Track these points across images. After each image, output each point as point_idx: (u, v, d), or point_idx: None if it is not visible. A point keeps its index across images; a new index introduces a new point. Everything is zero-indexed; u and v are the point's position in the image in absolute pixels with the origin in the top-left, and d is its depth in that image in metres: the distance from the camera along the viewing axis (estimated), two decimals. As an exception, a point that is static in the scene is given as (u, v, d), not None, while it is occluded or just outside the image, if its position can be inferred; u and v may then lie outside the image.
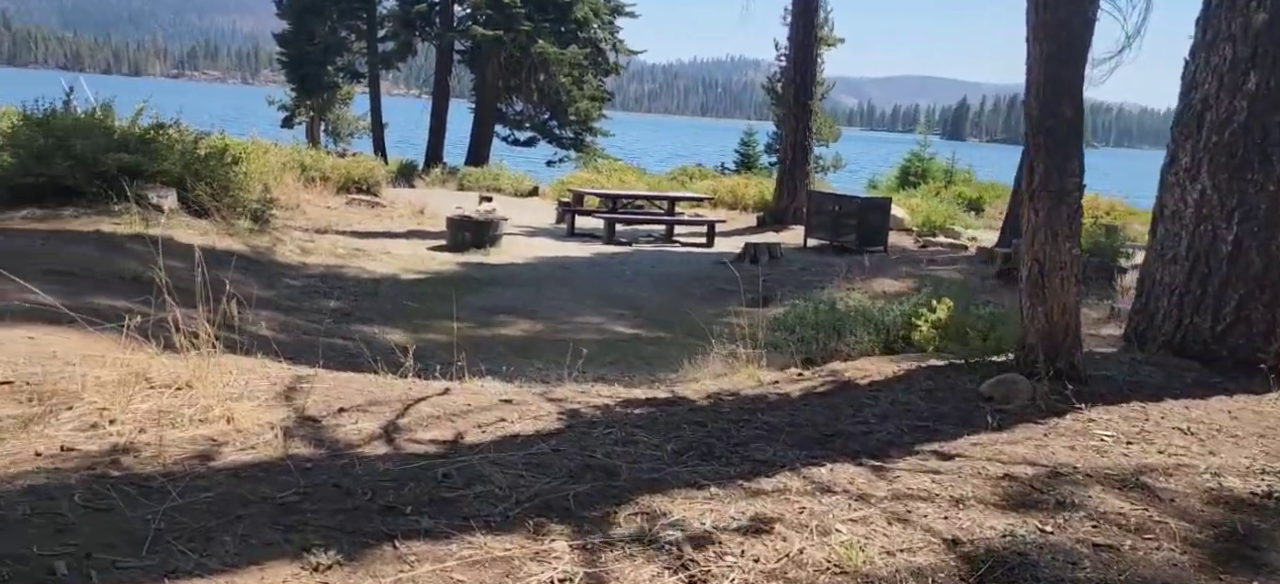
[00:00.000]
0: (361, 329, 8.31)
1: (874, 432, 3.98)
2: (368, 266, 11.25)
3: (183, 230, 10.45)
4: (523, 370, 7.27)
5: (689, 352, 8.41)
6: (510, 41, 29.20)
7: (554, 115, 32.02)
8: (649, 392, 5.03)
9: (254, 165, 13.60)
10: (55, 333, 5.67)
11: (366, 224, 14.39)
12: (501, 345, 8.24)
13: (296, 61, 31.96)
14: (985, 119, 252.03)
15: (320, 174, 15.99)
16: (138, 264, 8.43)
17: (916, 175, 31.18)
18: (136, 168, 11.11)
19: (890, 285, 10.78)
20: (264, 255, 10.69)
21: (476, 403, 4.43)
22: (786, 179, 17.86)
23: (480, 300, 10.08)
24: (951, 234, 16.81)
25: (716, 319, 10.01)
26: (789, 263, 12.43)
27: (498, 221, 13.46)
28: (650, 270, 12.54)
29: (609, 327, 9.38)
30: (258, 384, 4.56)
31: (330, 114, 35.90)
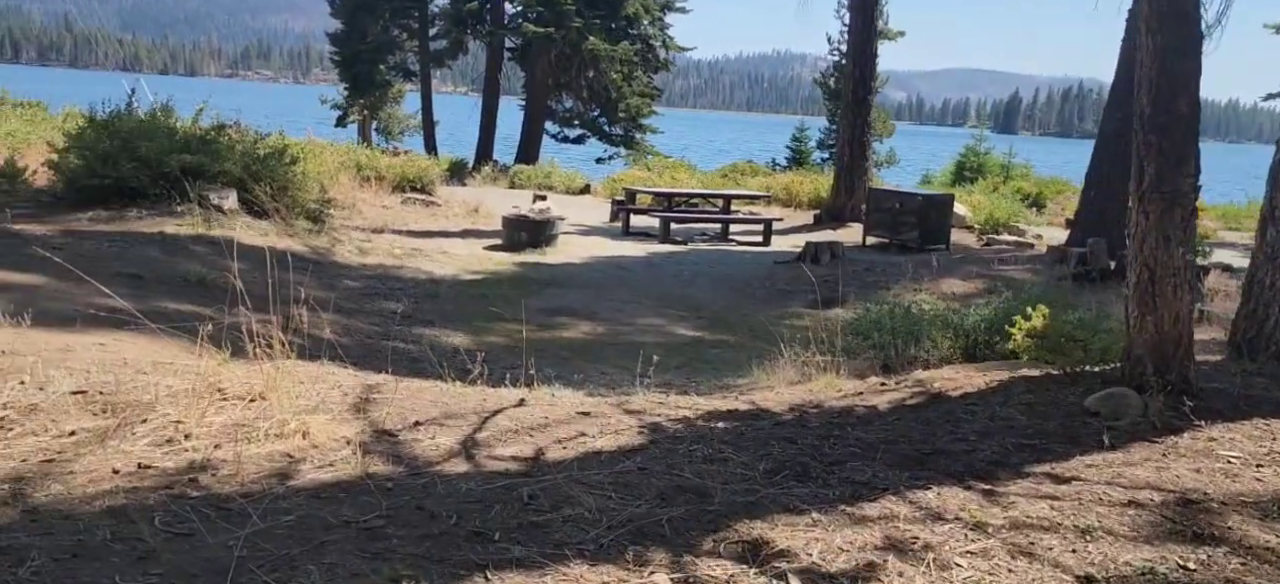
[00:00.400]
0: (423, 331, 8.22)
1: (976, 450, 3.75)
2: (425, 267, 11.19)
3: (244, 231, 10.47)
4: (588, 375, 7.12)
5: (755, 356, 8.21)
6: (561, 38, 29.12)
7: (604, 112, 31.89)
8: (728, 403, 4.84)
9: (311, 165, 13.62)
10: (125, 338, 5.63)
11: (422, 223, 14.36)
12: (564, 348, 8.10)
13: (349, 60, 32.20)
14: (1038, 112, 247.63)
15: (376, 173, 16.00)
16: (202, 266, 8.44)
17: (972, 170, 30.58)
18: (198, 168, 11.16)
19: (959, 286, 10.47)
20: (323, 256, 10.67)
21: (553, 415, 4.28)
22: (844, 176, 17.53)
23: (539, 302, 9.96)
24: (1016, 232, 16.36)
25: (779, 321, 9.80)
26: (851, 262, 12.15)
27: (554, 221, 13.34)
28: (708, 270, 12.34)
29: (670, 329, 9.20)
30: (330, 395, 4.45)
31: (382, 112, 36.14)
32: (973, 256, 13.24)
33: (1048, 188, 27.80)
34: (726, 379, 7.21)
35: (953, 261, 11.95)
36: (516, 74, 35.52)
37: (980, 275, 10.92)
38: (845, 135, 17.65)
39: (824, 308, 10.25)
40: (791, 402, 4.88)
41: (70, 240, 8.49)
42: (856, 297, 10.50)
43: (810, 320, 9.82)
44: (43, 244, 8.18)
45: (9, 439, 3.51)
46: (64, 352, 5.00)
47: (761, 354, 8.31)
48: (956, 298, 10.12)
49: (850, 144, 17.46)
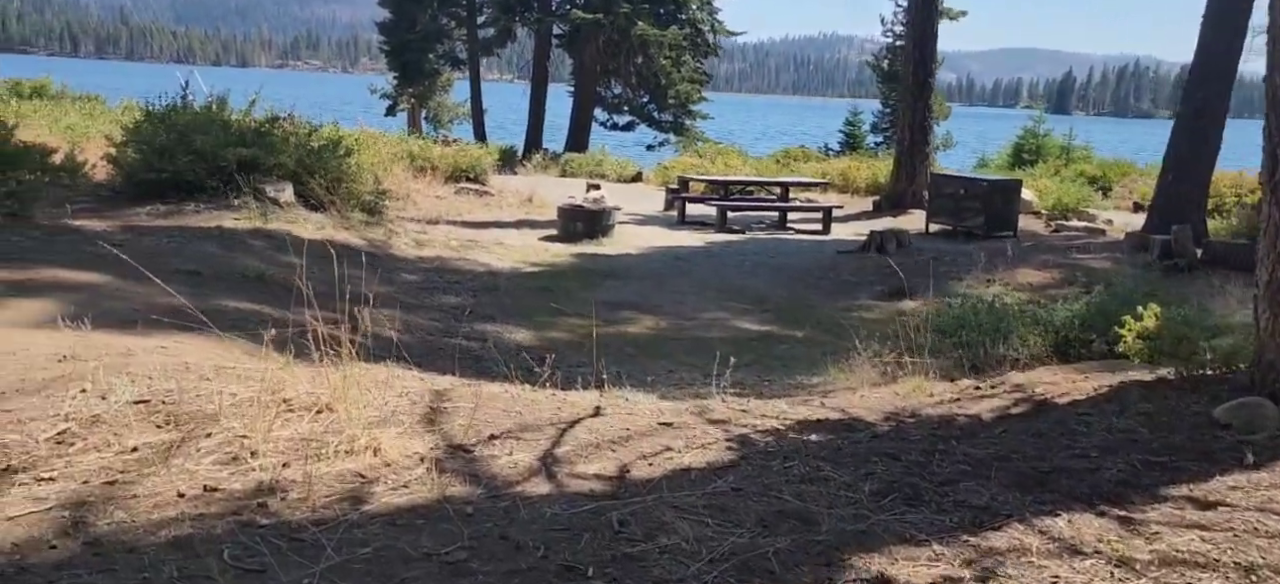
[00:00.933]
0: (484, 328, 8.03)
1: (1100, 468, 3.43)
2: (482, 259, 11.02)
3: (300, 224, 10.37)
4: (656, 374, 6.88)
5: (827, 352, 7.91)
6: (609, 24, 28.85)
7: (653, 99, 31.58)
8: (817, 410, 4.56)
9: (365, 157, 13.52)
10: (187, 341, 5.49)
11: (476, 214, 14.21)
12: (629, 344, 7.86)
13: (398, 49, 32.23)
14: (1092, 92, 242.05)
15: (429, 164, 15.87)
16: (259, 262, 8.32)
17: (1031, 153, 29.76)
18: (254, 162, 11.09)
19: (1034, 277, 10.04)
20: (380, 249, 10.54)
21: (634, 426, 4.03)
22: (904, 161, 17.05)
23: (600, 294, 9.72)
24: (1086, 217, 15.80)
25: (847, 314, 9.48)
26: (918, 252, 11.75)
27: (610, 211, 13.10)
28: (769, 260, 12.02)
29: (735, 323, 8.92)
30: (398, 404, 4.24)
31: (431, 101, 36.18)
32: (1044, 244, 12.75)
33: (1112, 170, 26.94)
34: (800, 377, 6.92)
35: (1025, 250, 11.50)
36: (564, 61, 35.36)
37: (1056, 265, 10.47)
38: (905, 119, 17.17)
39: (893, 300, 9.92)
40: (884, 409, 4.58)
41: (130, 236, 8.42)
42: (926, 288, 10.12)
43: (880, 313, 9.49)
44: (103, 240, 8.11)
45: (71, 456, 3.34)
46: (125, 356, 4.86)
47: (833, 350, 8.01)
48: (1033, 289, 9.70)
49: (911, 128, 16.98)
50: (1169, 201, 12.55)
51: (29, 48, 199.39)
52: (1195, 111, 12.47)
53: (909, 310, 9.50)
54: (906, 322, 7.52)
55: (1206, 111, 12.39)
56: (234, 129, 11.59)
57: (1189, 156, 12.50)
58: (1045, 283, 9.80)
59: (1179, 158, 12.62)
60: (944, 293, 9.97)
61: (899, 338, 7.13)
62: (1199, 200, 12.62)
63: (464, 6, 32.63)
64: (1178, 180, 12.57)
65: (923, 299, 9.78)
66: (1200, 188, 12.66)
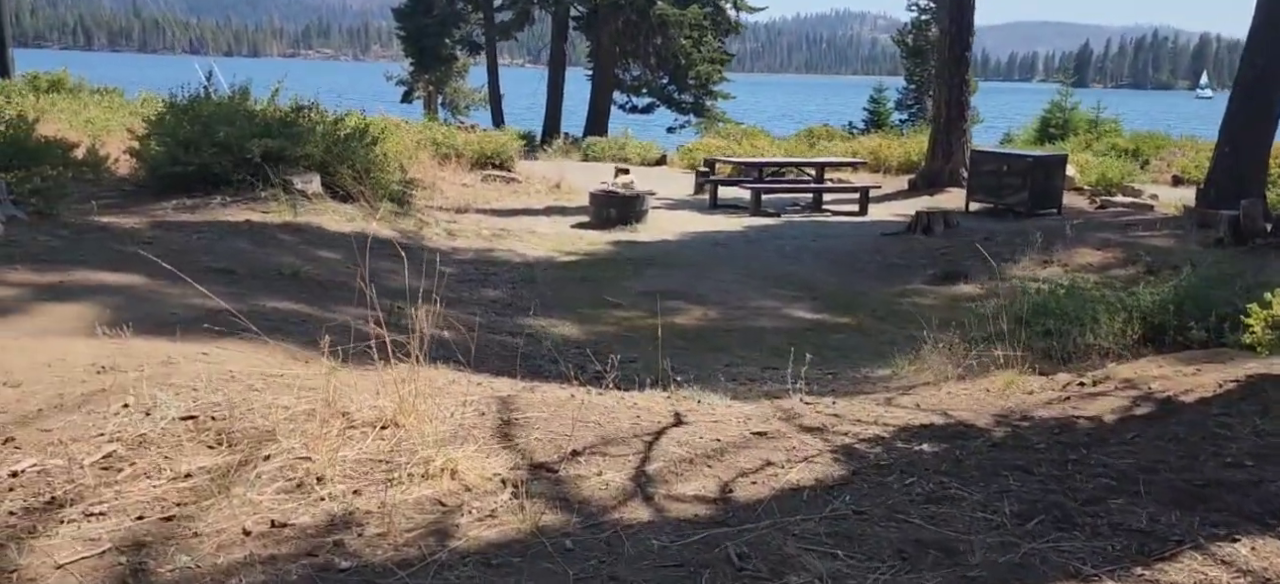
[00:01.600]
0: (528, 322, 7.70)
1: (1264, 481, 3.07)
2: (517, 248, 10.69)
3: (330, 217, 10.07)
4: (714, 368, 6.54)
5: (886, 342, 7.56)
6: (629, 4, 28.41)
7: (673, 80, 31.13)
8: (914, 414, 4.21)
9: (390, 145, 13.20)
10: (228, 346, 5.18)
11: (505, 201, 13.88)
12: (680, 337, 7.52)
13: (414, 35, 31.91)
14: (1110, 64, 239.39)
15: (453, 151, 15.54)
16: (294, 258, 8.02)
17: (1057, 127, 29.14)
18: (280, 153, 10.79)
19: (1094, 257, 9.63)
20: (413, 240, 10.22)
21: (724, 436, 3.69)
22: (941, 138, 16.59)
23: (641, 283, 9.39)
24: (1131, 192, 15.33)
25: (900, 300, 9.12)
26: (966, 232, 11.34)
27: (643, 196, 12.75)
28: (811, 245, 11.64)
29: (786, 311, 8.56)
30: (465, 416, 3.92)
31: (447, 87, 35.84)
32: (1095, 221, 12.33)
33: (1145, 143, 26.31)
34: (866, 370, 6.57)
35: (1078, 228, 11.07)
36: (581, 45, 34.93)
37: (1116, 244, 10.05)
38: (941, 95, 16.70)
39: (947, 284, 9.55)
40: (987, 410, 4.23)
41: (159, 233, 8.13)
42: (980, 271, 9.73)
43: (934, 299, 9.12)
44: (132, 239, 7.83)
45: (120, 484, 3.03)
46: (167, 365, 4.55)
47: (892, 340, 7.65)
48: (1094, 270, 9.30)
49: (947, 104, 16.51)
50: (1227, 175, 12.09)
51: (44, 41, 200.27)
52: (1254, 79, 11.98)
53: (966, 295, 9.14)
54: (976, 308, 7.16)
55: (1267, 77, 11.89)
56: (259, 120, 11.29)
57: (1247, 127, 12.03)
58: (1106, 263, 9.40)
59: (1236, 129, 12.15)
60: (999, 276, 9.60)
61: (969, 326, 6.77)
62: (1259, 173, 12.16)
63: (480, -11, 32.25)
64: (1236, 152, 12.10)
65: (978, 283, 9.41)
66: (1260, 160, 12.19)
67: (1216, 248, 9.38)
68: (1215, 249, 9.30)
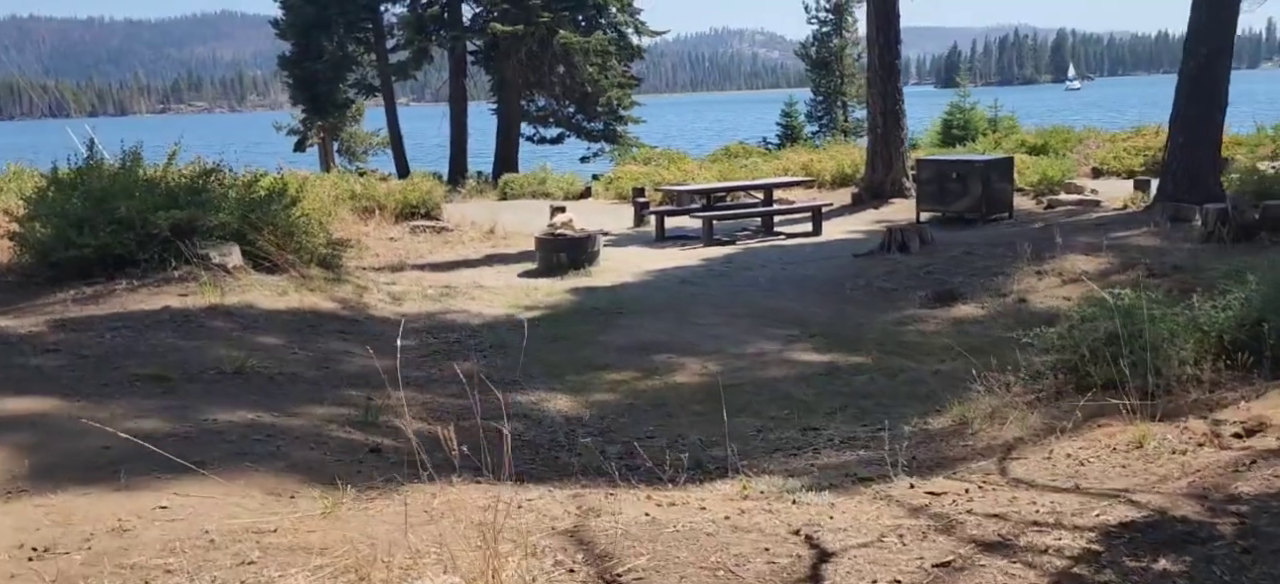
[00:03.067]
0: (517, 399, 6.72)
1: None
2: (470, 308, 9.68)
3: (260, 293, 8.89)
4: (747, 435, 5.71)
5: (913, 381, 6.86)
6: (531, 35, 27.51)
7: (581, 108, 30.34)
8: (1085, 500, 3.43)
9: (309, 203, 12.00)
10: (190, 489, 4.08)
11: (439, 254, 12.80)
12: (690, 399, 6.67)
13: (305, 81, 30.33)
14: (977, 63, 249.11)
15: (375, 202, 14.37)
16: (234, 349, 6.86)
17: (959, 129, 29.50)
18: (191, 224, 9.53)
19: (1086, 264, 9.16)
20: (357, 311, 9.11)
21: (901, 572, 2.85)
22: (879, 149, 16.21)
23: (620, 336, 8.50)
24: (1074, 190, 15.20)
25: (902, 329, 8.46)
26: (944, 246, 10.80)
27: (594, 236, 11.86)
28: (783, 273, 10.95)
29: (790, 355, 7.80)
30: (545, 573, 2.98)
31: (344, 133, 34.30)
32: (1058, 224, 11.99)
33: (1052, 138, 26.71)
34: (917, 420, 5.83)
35: (1066, 233, 10.64)
36: (482, 79, 33.85)
37: (1104, 248, 9.61)
38: (876, 105, 16.32)
39: (942, 306, 8.95)
40: (1170, 487, 3.49)
41: (64, 336, 6.86)
42: (974, 289, 9.17)
43: (937, 325, 8.49)
44: (32, 347, 6.56)
45: None
46: (120, 534, 3.48)
47: (916, 378, 6.96)
48: (1093, 278, 8.80)
49: (882, 114, 16.15)
50: (1183, 165, 11.92)
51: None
52: (1200, 68, 11.86)
53: (970, 318, 8.55)
54: (962, 330, 6.52)
55: (1213, 65, 11.78)
56: (162, 188, 10.01)
57: (1199, 116, 11.89)
58: (1104, 269, 8.94)
59: (1187, 119, 12.00)
60: (994, 292, 9.06)
61: (996, 356, 6.11)
62: (1214, 160, 12.04)
63: (371, 31, 30.91)
64: (1190, 142, 11.94)
65: (977, 303, 8.83)
66: (1214, 147, 12.07)
67: (1210, 244, 9.03)
68: (1212, 246, 8.95)
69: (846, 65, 32.23)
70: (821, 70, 32.29)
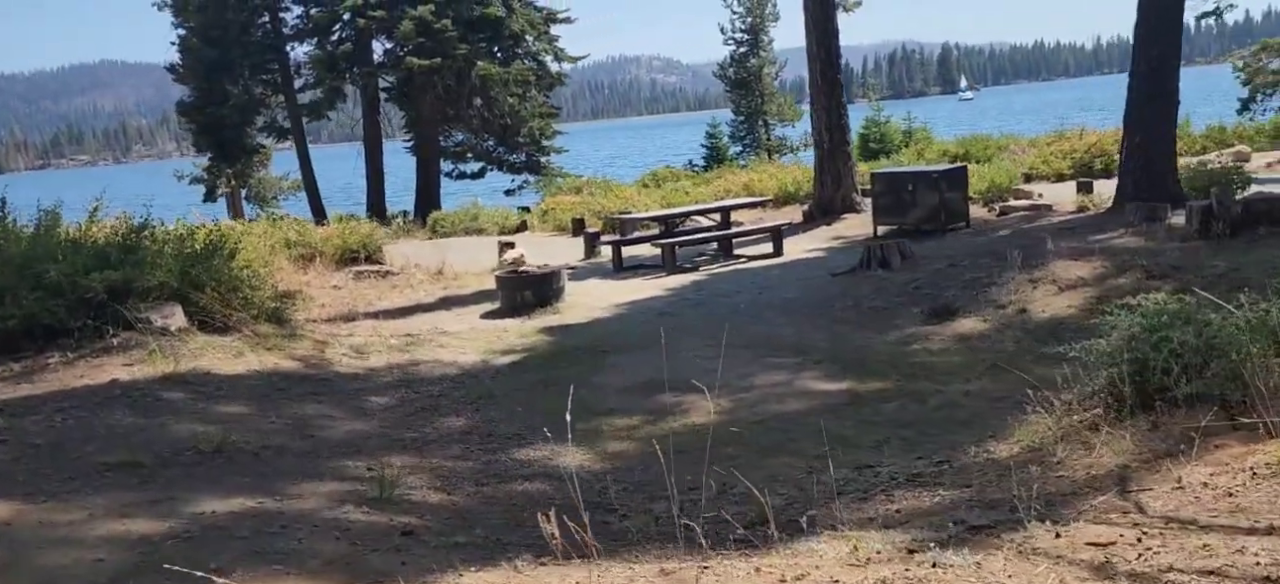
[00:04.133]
0: (525, 456, 6.15)
1: None
2: (442, 358, 9.01)
3: (212, 356, 8.08)
4: (791, 481, 5.25)
5: (944, 405, 6.52)
6: (448, 68, 26.80)
7: (501, 141, 29.68)
8: None
9: (248, 254, 11.16)
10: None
11: (391, 300, 12.05)
12: (716, 443, 6.17)
13: (211, 127, 28.94)
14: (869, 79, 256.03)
15: (312, 249, 13.52)
16: (201, 424, 6.12)
17: (876, 142, 29.90)
18: (127, 285, 8.67)
19: (1082, 269, 9.01)
20: (322, 369, 8.37)
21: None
22: (827, 165, 16.04)
23: (612, 378, 7.97)
24: (1023, 196, 15.28)
25: (907, 349, 8.14)
26: (927, 261, 10.57)
27: (559, 272, 11.30)
28: (762, 298, 10.56)
29: (802, 384, 7.38)
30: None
31: (252, 179, 32.91)
32: (1026, 233, 11.93)
33: (972, 146, 27.22)
34: (973, 451, 5.46)
35: (1040, 239, 10.52)
36: (396, 116, 32.90)
37: (1091, 252, 9.49)
38: (820, 121, 16.16)
39: (941, 322, 8.68)
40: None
41: (6, 422, 6.00)
42: (970, 302, 8.93)
43: (941, 343, 8.19)
44: (-30, 440, 5.69)
45: None
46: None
47: (948, 402, 6.62)
48: (1090, 284, 8.67)
49: (828, 129, 15.99)
50: (1141, 164, 12.00)
51: None
52: (1151, 69, 11.97)
53: (975, 332, 8.28)
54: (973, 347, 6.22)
55: (1164, 65, 11.91)
56: (89, 248, 9.10)
57: (1155, 116, 11.99)
58: (1100, 274, 8.79)
59: (1143, 118, 12.10)
60: (992, 304, 8.83)
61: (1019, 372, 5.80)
62: (1171, 159, 12.15)
63: (278, 72, 29.74)
64: (1147, 141, 12.02)
65: (978, 316, 8.58)
66: (1169, 145, 12.20)
67: (1200, 241, 8.98)
68: (1203, 243, 8.90)
69: (765, 84, 32.36)
70: (741, 90, 32.32)
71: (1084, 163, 19.73)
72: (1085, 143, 20.70)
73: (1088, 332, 7.77)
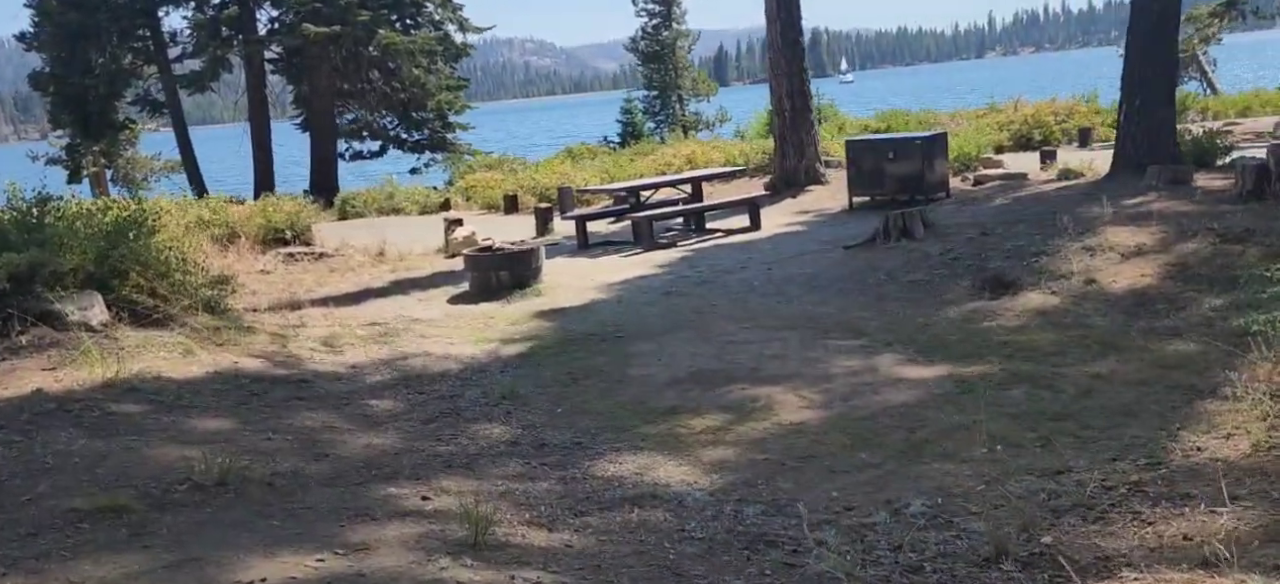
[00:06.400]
0: (606, 471, 4.91)
1: None
2: (431, 350, 7.62)
3: (155, 355, 6.51)
4: (984, 496, 4.20)
5: (1071, 389, 5.60)
6: (347, 36, 24.73)
7: (403, 118, 27.70)
8: None
9: (166, 234, 9.44)
10: None
11: (334, 285, 10.47)
12: (836, 448, 5.09)
13: (73, 100, 25.95)
14: (742, 62, 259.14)
15: (230, 230, 11.73)
16: (180, 447, 4.68)
17: (786, 118, 29.28)
18: (33, 270, 6.98)
19: (1140, 236, 8.26)
20: (295, 368, 6.87)
21: None
22: (790, 134, 15.10)
23: (654, 370, 6.78)
24: (993, 164, 14.74)
25: (979, 326, 7.24)
26: (954, 230, 9.69)
27: (537, 250, 9.97)
28: (776, 274, 9.51)
29: (889, 371, 6.35)
30: None
31: (120, 159, 29.89)
32: (1030, 199, 11.28)
33: (893, 121, 26.82)
34: (1187, 450, 4.53)
35: (1056, 207, 9.82)
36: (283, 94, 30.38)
37: (1138, 219, 8.80)
38: (781, 88, 15.18)
39: (1001, 295, 7.80)
40: None
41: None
42: (1023, 273, 8.09)
43: (1017, 317, 7.32)
44: None
45: None
46: None
47: (1083, 389, 5.70)
48: (1155, 251, 7.96)
49: (789, 96, 15.04)
50: (1142, 127, 11.50)
51: None
52: (1152, 26, 11.46)
53: (1049, 307, 7.43)
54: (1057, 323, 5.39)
55: (1165, 23, 11.43)
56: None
57: (1153, 76, 11.50)
58: (1162, 241, 8.09)
59: (1143, 79, 11.58)
60: (1051, 275, 8.01)
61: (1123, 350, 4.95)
62: (1170, 120, 11.71)
63: (150, 40, 26.95)
64: (1147, 104, 11.52)
65: (1042, 289, 7.75)
66: (1169, 107, 11.75)
67: (1259, 202, 8.41)
68: (1263, 205, 8.33)
69: (679, 57, 31.38)
70: (654, 63, 31.23)
71: (1023, 135, 19.49)
72: (1021, 115, 20.49)
73: (1180, 304, 7.06)
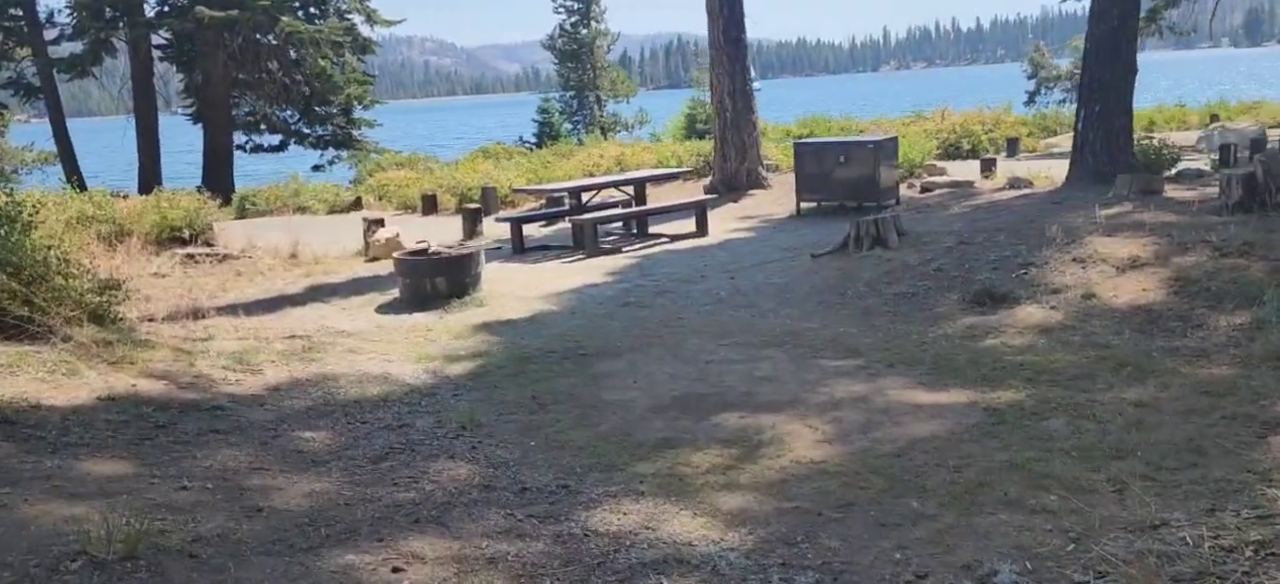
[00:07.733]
0: (606, 525, 4.04)
1: None
2: (365, 369, 6.59)
3: (30, 377, 5.36)
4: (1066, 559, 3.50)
5: (1133, 429, 4.98)
6: (246, 22, 23.14)
7: (304, 112, 26.13)
8: None
9: (44, 232, 8.16)
10: None
11: (241, 290, 9.28)
12: (872, 494, 4.34)
13: (-68, 82, 23.68)
14: (647, 67, 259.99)
15: (117, 227, 10.37)
16: (73, 503, 3.62)
17: (703, 123, 29.03)
18: (-127, 273, 5.73)
19: (1132, 247, 7.79)
20: (204, 392, 5.78)
21: None
22: (731, 136, 14.43)
23: (630, 394, 5.94)
24: (937, 171, 14.34)
25: (980, 344, 6.63)
26: (930, 239, 9.09)
27: (476, 254, 8.99)
28: (741, 284, 8.76)
29: (900, 397, 5.64)
30: None
31: (-18, 149, 27.41)
32: (997, 205, 10.83)
33: (815, 126, 26.57)
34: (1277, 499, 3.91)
35: (1031, 216, 9.35)
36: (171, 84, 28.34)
37: (1129, 226, 8.35)
38: (722, 86, 14.51)
39: (994, 309, 7.21)
40: None
41: None
42: (1015, 286, 7.53)
43: (1021, 336, 6.72)
44: None
45: None
46: None
47: (1131, 421, 5.09)
48: (1151, 265, 7.48)
49: (731, 96, 14.38)
50: (1100, 134, 11.20)
51: None
52: (1110, 32, 11.16)
53: (1049, 323, 6.87)
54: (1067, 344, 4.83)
55: (1121, 32, 11.13)
56: None
57: (1112, 82, 11.21)
58: (1158, 254, 7.62)
59: (1102, 86, 11.28)
60: (1044, 288, 7.47)
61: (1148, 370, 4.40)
62: (1128, 129, 11.45)
63: (24, 20, 24.75)
64: (1106, 111, 11.22)
65: (1038, 303, 7.19)
66: (1127, 116, 11.48)
67: (1248, 214, 8.04)
68: (1252, 216, 7.96)
69: (598, 57, 30.56)
70: (572, 62, 30.32)
71: (952, 143, 19.33)
72: (949, 123, 20.35)
73: (1194, 321, 6.56)
